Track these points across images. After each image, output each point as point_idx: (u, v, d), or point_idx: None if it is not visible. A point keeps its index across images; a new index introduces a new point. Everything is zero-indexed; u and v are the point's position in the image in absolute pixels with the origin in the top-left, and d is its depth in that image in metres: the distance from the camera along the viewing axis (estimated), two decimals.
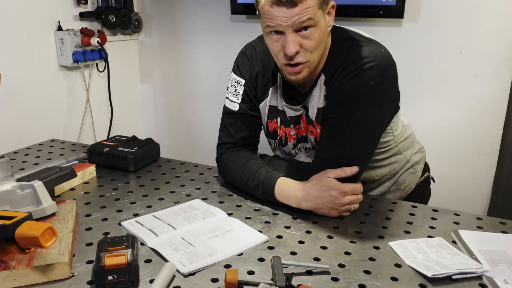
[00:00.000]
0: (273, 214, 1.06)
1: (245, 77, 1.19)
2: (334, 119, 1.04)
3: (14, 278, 0.77)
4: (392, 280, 0.81)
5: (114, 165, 1.31)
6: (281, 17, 0.95)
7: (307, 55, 1.00)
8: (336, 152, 1.06)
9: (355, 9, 1.99)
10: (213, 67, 2.48)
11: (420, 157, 1.29)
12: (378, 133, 1.09)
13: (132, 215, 1.04)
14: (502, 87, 1.87)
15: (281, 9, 0.94)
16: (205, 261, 0.85)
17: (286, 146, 1.21)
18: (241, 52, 1.23)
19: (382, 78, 1.02)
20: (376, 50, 1.03)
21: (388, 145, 1.18)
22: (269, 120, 1.21)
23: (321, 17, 0.97)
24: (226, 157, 1.20)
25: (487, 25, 1.84)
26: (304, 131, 1.15)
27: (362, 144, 1.06)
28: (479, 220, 1.05)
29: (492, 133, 1.92)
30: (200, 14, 2.44)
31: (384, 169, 1.22)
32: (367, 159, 1.09)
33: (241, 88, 1.19)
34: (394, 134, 1.18)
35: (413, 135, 1.29)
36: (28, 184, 0.98)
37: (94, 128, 2.37)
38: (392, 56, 1.07)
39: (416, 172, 1.28)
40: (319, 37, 0.99)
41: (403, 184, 1.26)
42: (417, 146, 1.29)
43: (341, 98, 1.03)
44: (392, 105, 1.11)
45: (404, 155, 1.23)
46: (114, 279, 0.76)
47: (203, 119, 2.56)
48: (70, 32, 2.08)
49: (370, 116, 1.04)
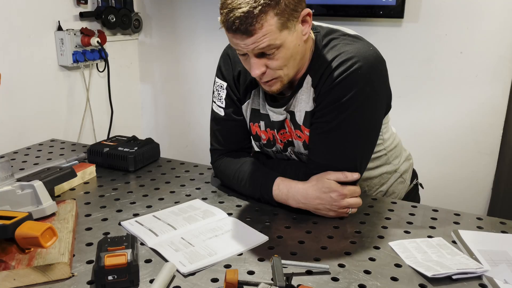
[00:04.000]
0: (273, 214, 1.06)
1: (227, 79, 1.17)
2: (326, 123, 1.02)
3: (14, 278, 0.77)
4: (392, 280, 0.81)
5: (114, 165, 1.31)
6: (239, 43, 0.94)
7: (276, 72, 0.98)
8: (332, 157, 1.03)
9: (355, 9, 1.99)
10: (213, 67, 2.45)
11: (407, 165, 1.28)
12: (373, 134, 1.07)
13: (132, 215, 1.04)
14: (502, 87, 1.87)
15: (238, 36, 0.92)
16: (205, 261, 0.85)
17: (274, 147, 1.18)
18: (223, 52, 1.21)
19: (371, 77, 0.99)
20: (363, 48, 1.00)
21: (378, 151, 1.16)
22: (251, 123, 1.18)
23: (286, 36, 0.93)
24: (220, 164, 1.20)
25: (487, 25, 1.84)
26: (289, 136, 1.12)
27: (358, 147, 1.04)
28: (479, 220, 1.05)
29: (492, 133, 1.92)
30: (200, 14, 2.44)
31: (375, 180, 1.20)
32: (365, 161, 1.08)
33: (223, 92, 1.18)
34: (384, 138, 1.16)
35: (400, 143, 1.27)
36: (28, 184, 0.98)
37: (94, 128, 2.37)
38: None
39: (405, 181, 1.27)
40: (286, 55, 0.96)
41: (393, 194, 1.25)
42: (404, 154, 1.27)
43: (332, 100, 1.00)
44: (384, 103, 1.08)
45: (393, 164, 1.22)
46: (114, 279, 0.76)
47: (203, 119, 2.56)
48: (70, 32, 2.08)
49: (363, 118, 1.01)
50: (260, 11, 0.88)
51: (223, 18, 0.92)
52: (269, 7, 0.89)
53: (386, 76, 1.06)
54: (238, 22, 0.89)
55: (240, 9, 0.89)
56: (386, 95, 1.08)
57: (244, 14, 0.88)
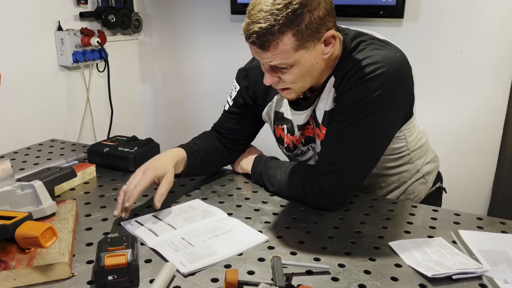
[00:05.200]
0: (273, 214, 1.06)
1: (241, 85, 1.23)
2: (342, 122, 1.02)
3: (14, 278, 0.77)
4: (392, 280, 0.81)
5: (114, 165, 1.31)
6: (255, 54, 0.98)
7: (289, 84, 1.01)
8: (341, 156, 1.04)
9: (355, 9, 1.99)
10: (213, 67, 2.48)
11: (432, 167, 1.26)
12: (386, 140, 1.07)
13: (132, 215, 1.04)
14: (502, 87, 1.87)
15: (253, 47, 0.96)
16: (205, 261, 0.85)
17: (295, 151, 1.21)
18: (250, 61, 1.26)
19: (393, 84, 0.99)
20: (389, 54, 1.00)
21: (401, 151, 1.15)
22: (275, 126, 1.22)
23: (303, 55, 0.95)
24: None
25: (487, 25, 1.84)
26: (312, 132, 1.15)
27: (368, 151, 1.04)
28: (479, 220, 1.05)
29: (492, 133, 1.92)
30: (200, 14, 2.44)
31: (393, 177, 1.20)
32: (371, 166, 1.07)
33: (234, 90, 1.25)
34: (408, 141, 1.14)
35: (427, 143, 1.26)
36: (28, 184, 0.98)
37: (94, 128, 2.37)
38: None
39: (427, 182, 1.25)
40: (301, 71, 0.98)
41: (413, 194, 1.24)
42: (430, 155, 1.26)
43: (350, 101, 1.00)
44: (403, 110, 1.07)
45: (415, 164, 1.20)
46: (114, 279, 0.76)
47: (203, 119, 2.56)
48: (70, 32, 2.08)
49: (379, 122, 1.01)
50: (278, 30, 0.90)
51: (244, 27, 0.95)
52: (288, 28, 0.91)
53: (410, 84, 1.06)
54: (255, 36, 0.92)
55: (259, 24, 0.91)
56: (408, 103, 1.08)
57: (261, 30, 0.91)
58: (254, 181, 1.23)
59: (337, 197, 1.06)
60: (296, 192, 1.10)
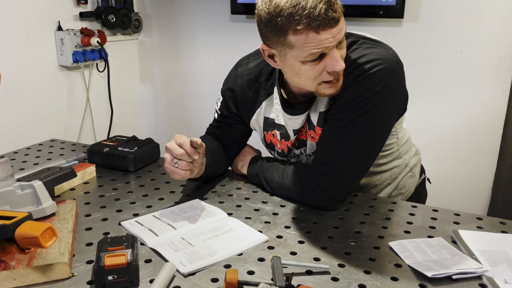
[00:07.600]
0: (273, 214, 1.06)
1: (226, 95, 1.23)
2: (340, 120, 1.03)
3: (14, 278, 0.77)
4: (392, 280, 0.81)
5: (114, 165, 1.31)
6: (328, 39, 0.91)
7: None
8: (340, 154, 1.04)
9: (355, 9, 1.99)
10: (213, 67, 2.48)
11: (416, 160, 1.29)
12: (384, 136, 1.08)
13: (132, 215, 1.04)
14: (502, 87, 1.87)
15: (328, 31, 0.90)
16: (205, 261, 0.85)
17: (288, 155, 1.21)
18: (234, 66, 1.25)
19: (390, 81, 1.00)
20: (383, 52, 1.02)
21: (391, 147, 1.17)
22: (265, 132, 1.21)
23: None
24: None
25: (487, 25, 1.84)
26: (304, 136, 1.14)
27: (367, 147, 1.05)
28: (479, 220, 1.05)
29: (492, 133, 1.93)
30: (200, 14, 2.44)
31: (385, 174, 1.21)
32: (369, 163, 1.08)
33: (219, 101, 1.27)
34: (398, 137, 1.17)
35: (410, 138, 1.28)
36: (28, 184, 0.98)
37: (94, 128, 2.37)
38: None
39: (415, 175, 1.27)
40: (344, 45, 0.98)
41: (404, 188, 1.25)
42: (413, 149, 1.29)
43: (349, 99, 1.01)
44: (399, 107, 1.09)
45: (403, 158, 1.22)
46: (114, 279, 0.76)
47: (203, 119, 2.55)
48: (70, 32, 2.08)
49: (377, 119, 1.02)
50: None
51: (306, 21, 0.89)
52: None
53: (404, 80, 1.07)
54: (330, 13, 0.88)
55: (321, 3, 0.88)
56: (403, 99, 1.09)
57: (327, 3, 0.89)
58: (251, 183, 1.23)
59: (337, 196, 1.06)
60: (295, 192, 1.10)
